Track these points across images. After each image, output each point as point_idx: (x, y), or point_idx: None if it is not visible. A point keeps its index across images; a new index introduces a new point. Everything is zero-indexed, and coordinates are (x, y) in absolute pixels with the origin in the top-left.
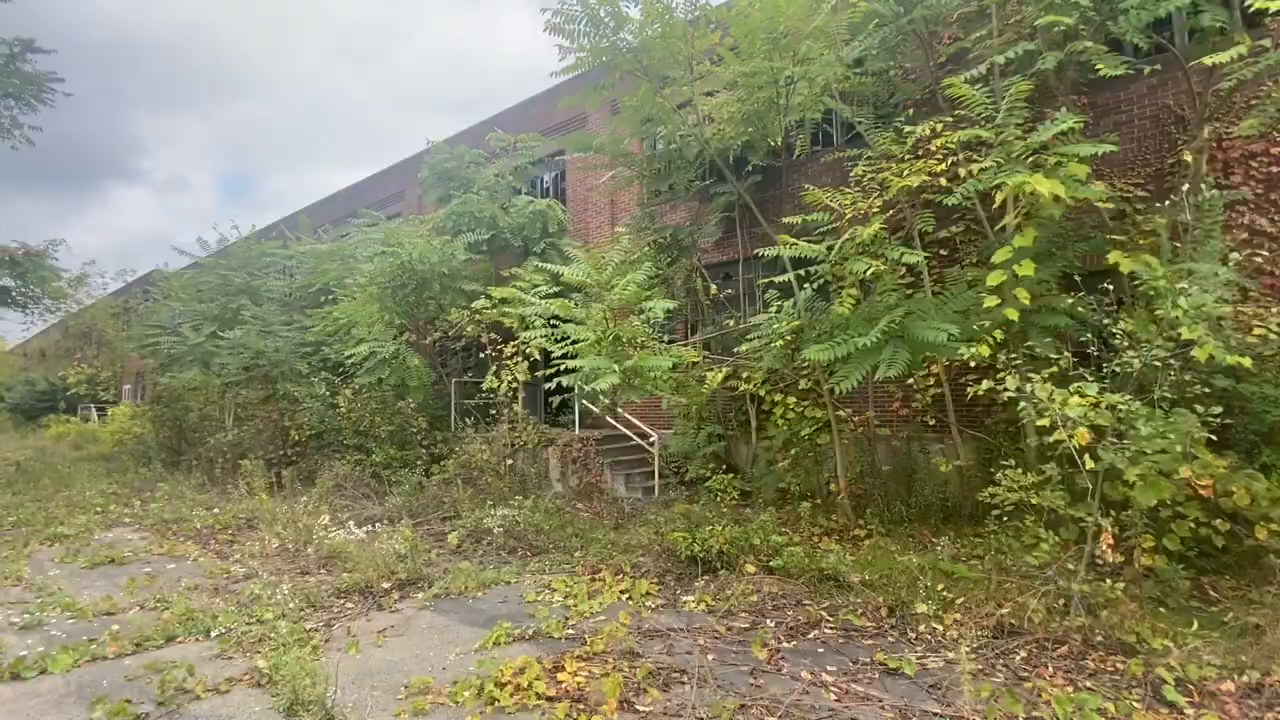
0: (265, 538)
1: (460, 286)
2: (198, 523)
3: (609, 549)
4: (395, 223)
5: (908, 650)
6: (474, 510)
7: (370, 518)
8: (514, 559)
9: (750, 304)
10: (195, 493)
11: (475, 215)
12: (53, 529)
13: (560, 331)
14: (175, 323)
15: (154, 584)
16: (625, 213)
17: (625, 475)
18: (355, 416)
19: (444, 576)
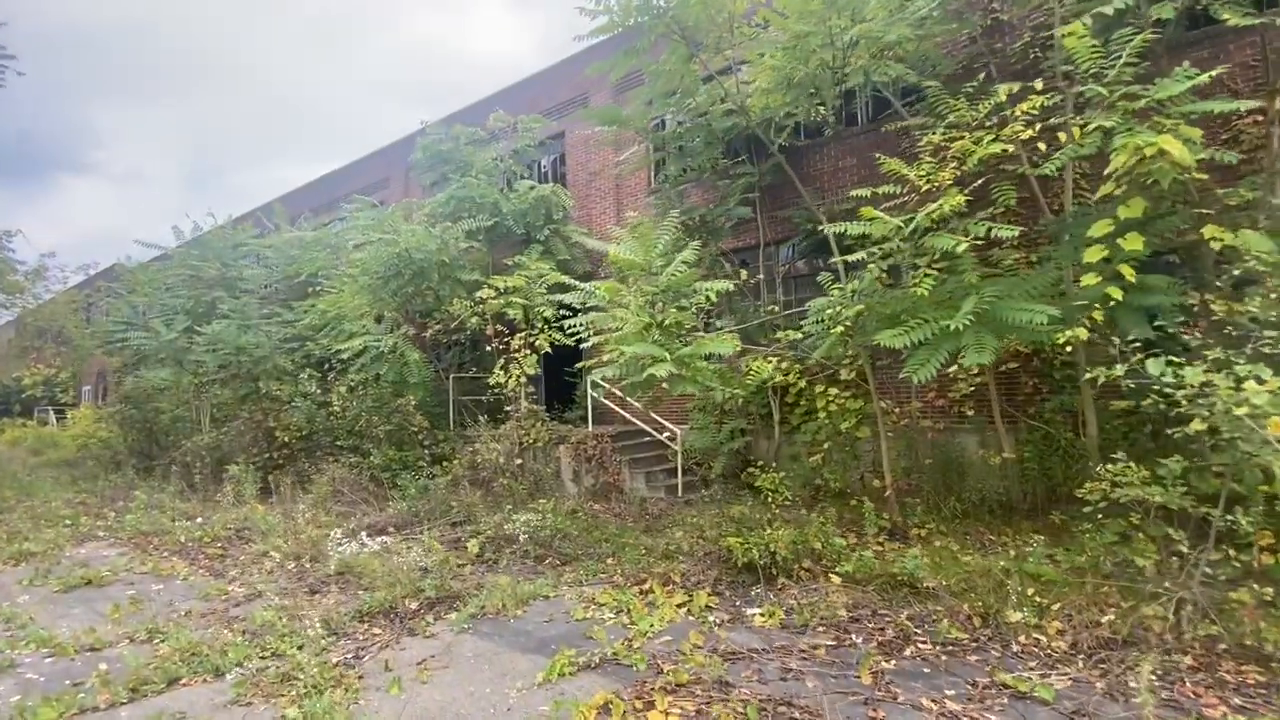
0: (263, 550)
1: (459, 276)
2: (181, 535)
3: (645, 555)
4: (382, 210)
5: (1019, 666)
6: (489, 514)
7: (373, 525)
8: (544, 569)
9: (769, 291)
10: (175, 501)
11: (476, 200)
12: (17, 545)
13: (578, 321)
14: (144, 318)
15: (141, 609)
16: (631, 197)
17: (645, 474)
18: (350, 416)
19: (477, 593)
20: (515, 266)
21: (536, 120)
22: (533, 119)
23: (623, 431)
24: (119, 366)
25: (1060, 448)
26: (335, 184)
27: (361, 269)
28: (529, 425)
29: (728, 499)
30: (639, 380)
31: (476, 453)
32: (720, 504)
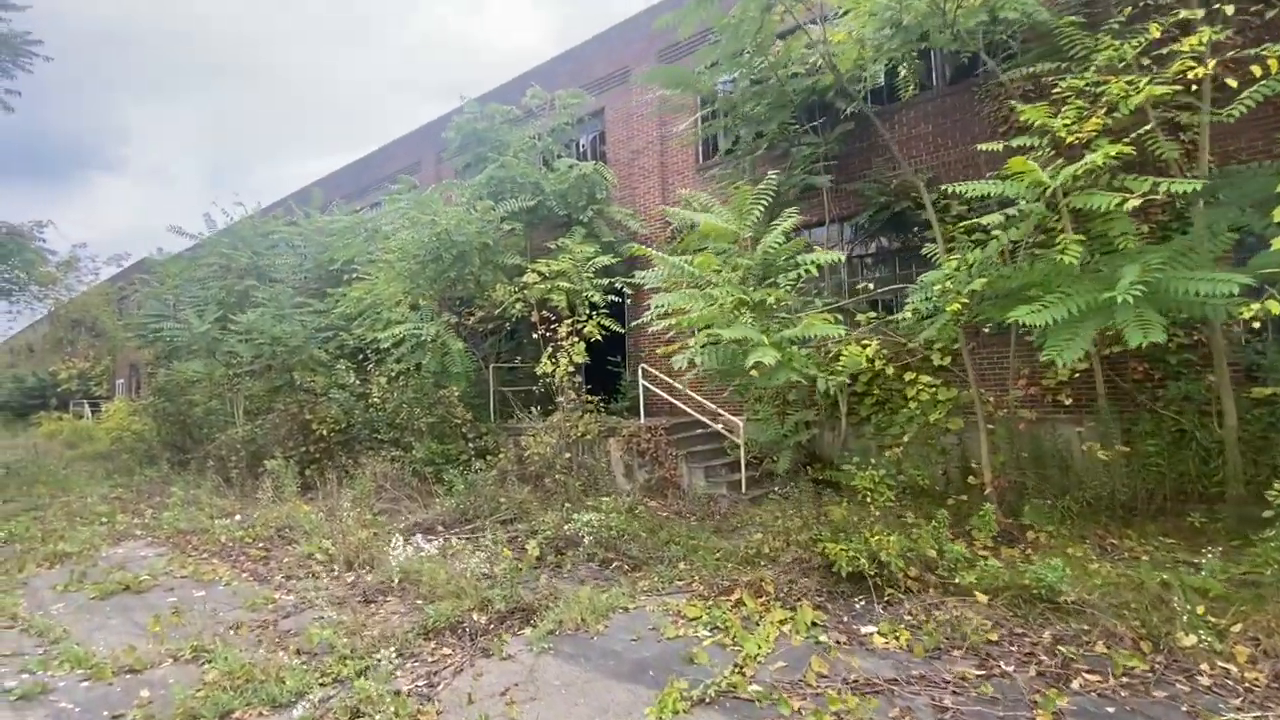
0: (308, 552)
1: (501, 260)
2: (221, 534)
3: (723, 561)
4: (420, 191)
5: (1222, 706)
6: (542, 512)
7: (420, 524)
8: (613, 574)
9: (836, 271)
10: (212, 497)
11: (516, 181)
12: (52, 545)
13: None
14: (176, 310)
15: (184, 621)
16: (678, 176)
17: (705, 469)
18: (390, 408)
19: (551, 604)
20: (557, 250)
21: (576, 95)
22: (571, 94)
23: (676, 423)
24: (151, 359)
25: (1190, 440)
26: (364, 170)
27: (399, 253)
28: (576, 417)
29: (799, 496)
30: (730, 368)
31: (523, 446)
32: (797, 503)
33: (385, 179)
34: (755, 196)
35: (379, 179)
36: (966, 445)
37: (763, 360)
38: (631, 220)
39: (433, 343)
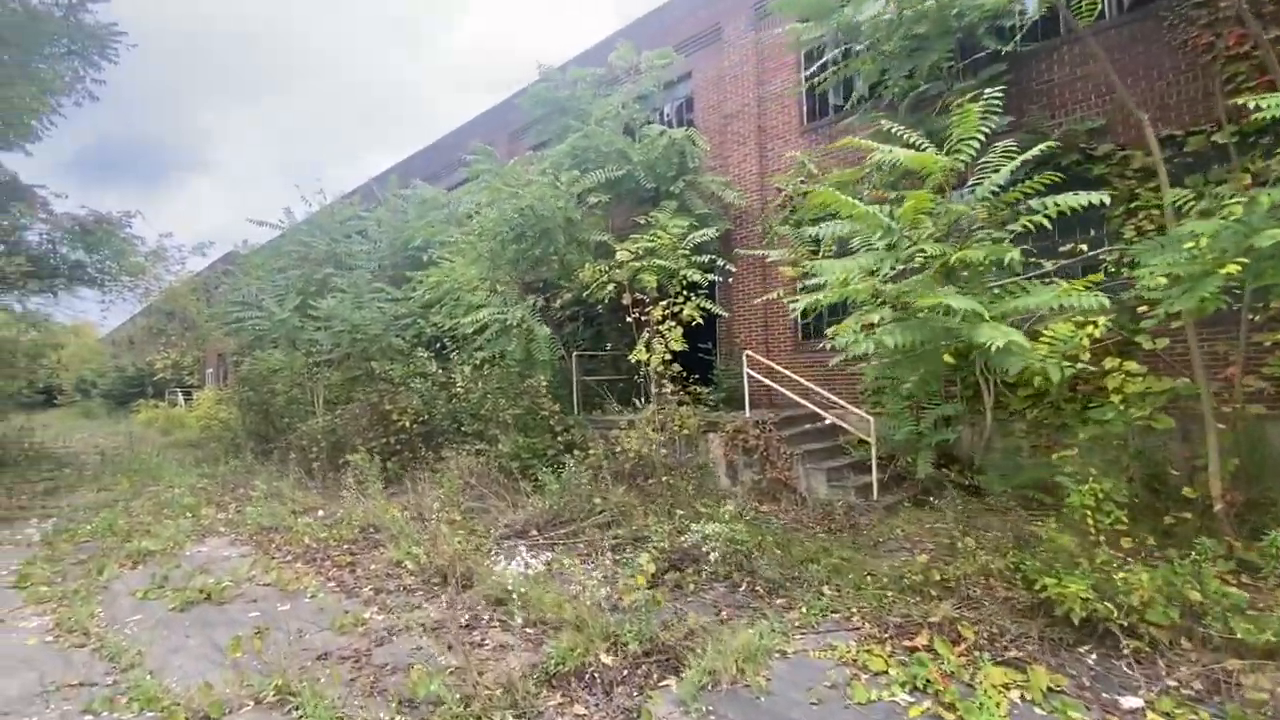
0: (397, 559)
1: (586, 238)
2: (305, 535)
3: (881, 588)
4: (501, 163)
5: None
6: (644, 517)
7: (511, 526)
8: (747, 598)
9: None
10: (294, 490)
11: (601, 150)
12: (137, 542)
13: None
14: (257, 298)
15: (267, 643)
16: (779, 140)
17: (825, 470)
18: (475, 399)
19: (691, 645)
20: (645, 226)
21: (664, 55)
22: (659, 54)
23: (785, 417)
24: (236, 350)
25: None
26: (436, 156)
27: (480, 232)
28: (672, 410)
29: (958, 507)
30: (924, 351)
31: (615, 441)
32: (960, 516)
33: (458, 163)
34: (978, 119)
35: (451, 164)
36: (1169, 448)
37: (992, 341)
38: (727, 191)
39: (518, 328)
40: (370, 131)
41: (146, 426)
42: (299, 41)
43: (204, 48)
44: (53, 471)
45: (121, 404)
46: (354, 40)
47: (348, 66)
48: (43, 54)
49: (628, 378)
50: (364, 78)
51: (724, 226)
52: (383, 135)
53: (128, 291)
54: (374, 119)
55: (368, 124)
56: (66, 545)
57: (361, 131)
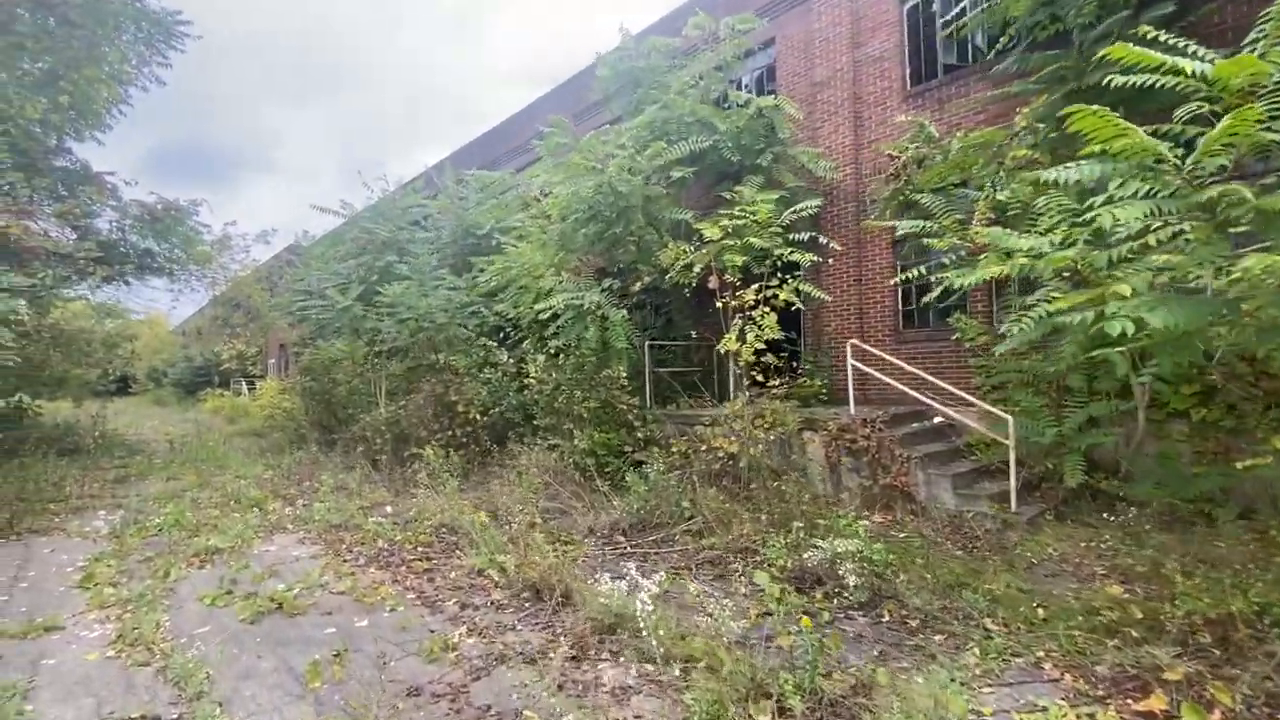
0: (480, 567)
1: (667, 217)
2: (377, 534)
3: (1070, 628)
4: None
5: None
6: (745, 526)
7: (596, 531)
8: (899, 634)
9: None
10: (360, 484)
11: (685, 122)
12: (204, 539)
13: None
14: (320, 288)
15: (347, 670)
16: (877, 107)
17: (950, 477)
18: (548, 390)
19: (865, 700)
20: (728, 203)
21: (745, 21)
22: (740, 19)
23: (892, 415)
24: (297, 340)
25: None
26: (497, 141)
27: (555, 211)
28: (764, 405)
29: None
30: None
31: (700, 439)
32: (1134, 534)
33: (520, 146)
34: None
35: (512, 149)
36: None
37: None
38: (820, 163)
39: (592, 314)
40: (421, 128)
41: (213, 414)
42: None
43: (261, 51)
44: (124, 459)
45: (190, 392)
46: (402, 39)
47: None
48: (110, 40)
49: (700, 369)
50: (414, 76)
51: (818, 202)
52: (434, 132)
53: (195, 281)
54: (425, 116)
55: (418, 121)
56: (134, 540)
57: (413, 128)
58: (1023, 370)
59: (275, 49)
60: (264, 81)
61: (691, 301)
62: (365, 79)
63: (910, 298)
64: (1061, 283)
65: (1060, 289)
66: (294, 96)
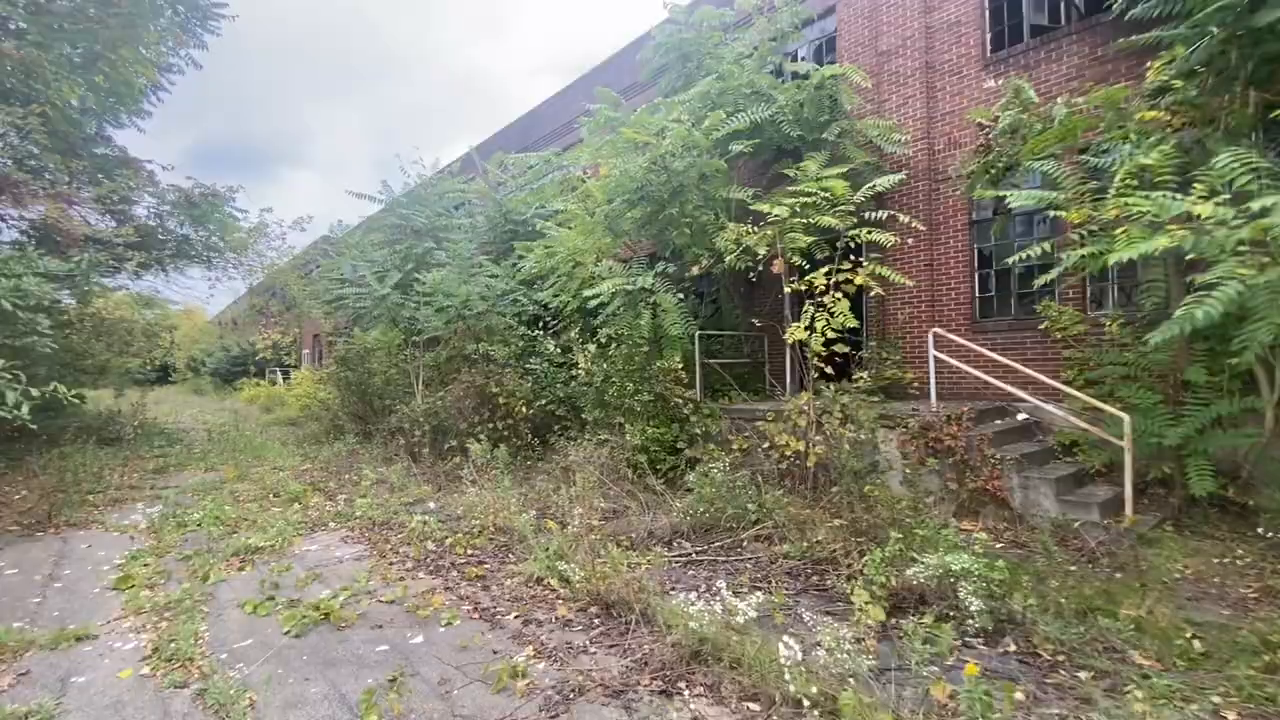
0: (537, 575)
1: (723, 196)
2: (424, 535)
3: (1252, 671)
4: (626, 111)
5: None
6: (819, 531)
7: (656, 535)
8: (1034, 669)
9: None
10: (402, 477)
11: (743, 93)
12: (243, 537)
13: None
14: (358, 275)
15: (405, 701)
16: (952, 75)
17: (1052, 481)
18: (599, 382)
19: None
20: (788, 180)
21: None
22: None
23: (978, 411)
24: (331, 330)
25: None
26: (533, 125)
27: (600, 193)
28: (832, 399)
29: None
30: None
31: (763, 435)
32: None
33: (558, 129)
34: None
35: (548, 134)
36: None
37: None
38: (893, 136)
39: (645, 300)
40: (453, 121)
41: (249, 403)
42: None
43: (295, 50)
44: (163, 447)
45: (227, 381)
46: (432, 34)
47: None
48: (147, 21)
49: (750, 361)
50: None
51: (900, 177)
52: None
53: (232, 269)
54: (456, 109)
55: (449, 115)
56: (172, 536)
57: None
58: (1127, 363)
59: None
60: (298, 79)
61: (740, 289)
62: (397, 74)
63: (989, 284)
64: (1242, 257)
65: (1246, 263)
66: (327, 93)
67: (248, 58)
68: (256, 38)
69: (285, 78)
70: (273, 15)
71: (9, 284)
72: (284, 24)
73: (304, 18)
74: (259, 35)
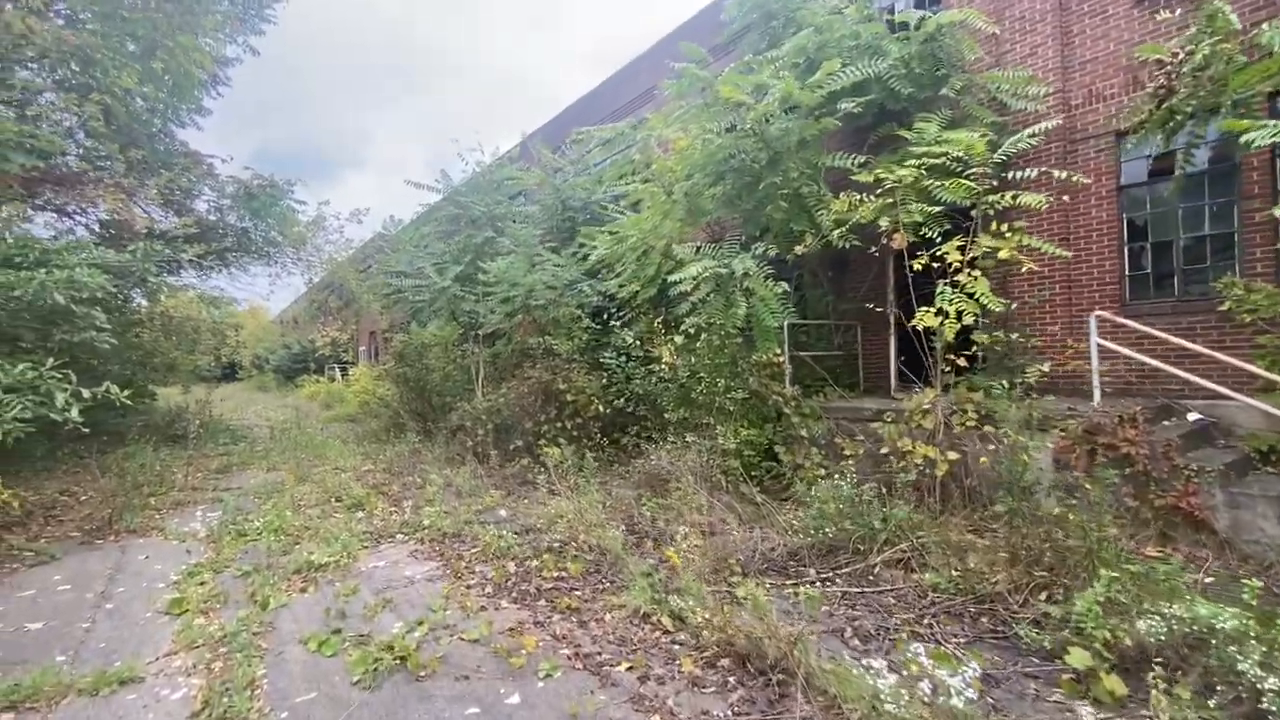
0: (643, 609)
1: (832, 162)
2: (500, 551)
3: None
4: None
5: None
6: (978, 560)
7: (769, 559)
8: None
9: None
10: (470, 481)
11: (846, 46)
12: (305, 552)
13: None
14: (416, 268)
15: None
16: (1095, 17)
17: (1272, 499)
18: (685, 379)
19: None
20: (895, 144)
21: None
22: None
23: (1158, 408)
24: (388, 327)
25: None
26: (590, 108)
27: (680, 167)
28: (964, 396)
29: None
30: None
31: (876, 439)
32: None
33: (612, 114)
34: None
35: (603, 116)
36: None
37: None
38: (1027, 89)
39: (738, 284)
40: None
41: (310, 399)
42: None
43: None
44: (228, 445)
45: (289, 378)
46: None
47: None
48: (207, 9)
49: (842, 354)
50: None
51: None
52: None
53: (291, 264)
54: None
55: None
56: (231, 548)
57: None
58: None
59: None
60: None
61: (829, 272)
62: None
63: (1141, 259)
64: None
65: None
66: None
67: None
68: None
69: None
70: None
71: (61, 275)
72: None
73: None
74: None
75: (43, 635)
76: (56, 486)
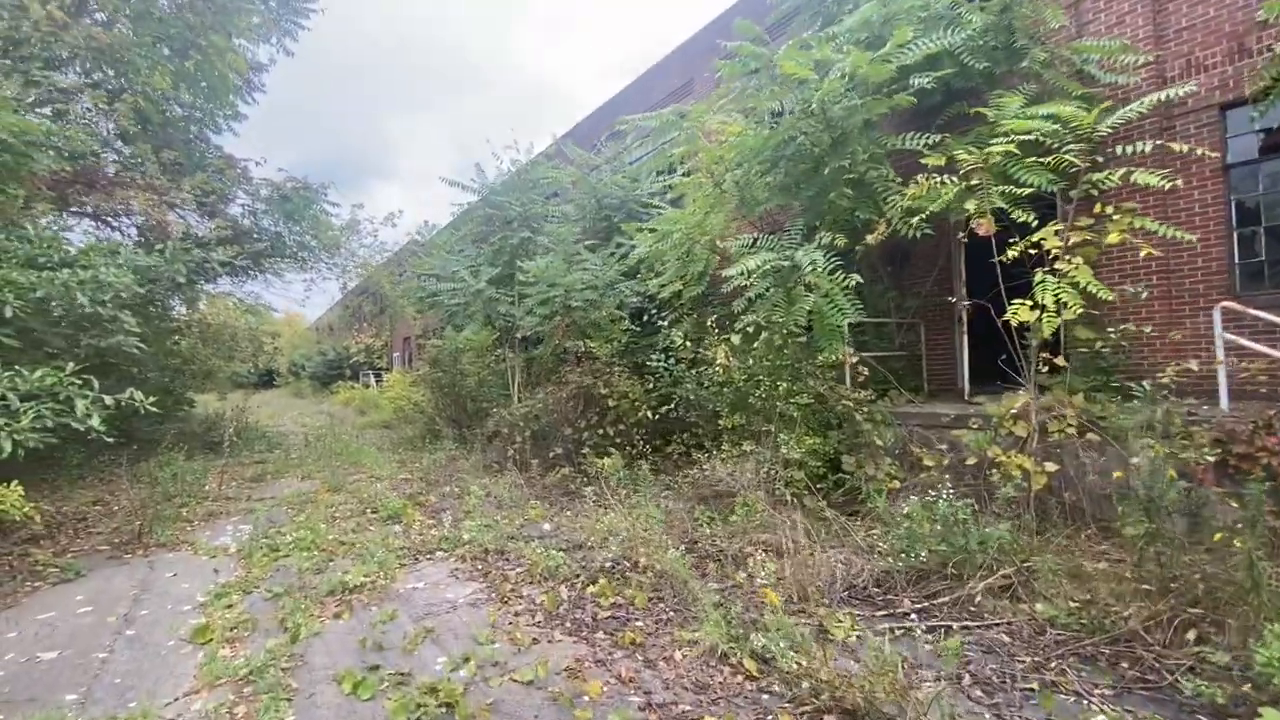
0: (717, 647)
1: (902, 144)
2: (548, 572)
3: None
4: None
5: None
6: (1101, 590)
7: (851, 585)
8: None
9: None
10: (510, 491)
11: (916, 16)
12: (339, 573)
13: None
14: (451, 272)
15: None
16: None
17: None
18: (742, 382)
19: None
20: (969, 123)
21: None
22: None
23: None
24: (421, 332)
25: None
26: (620, 108)
27: (730, 154)
28: (1057, 400)
29: None
30: None
31: (956, 447)
32: None
33: (647, 109)
34: None
35: (653, 105)
36: None
37: None
38: (1121, 59)
39: (800, 279)
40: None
41: (344, 406)
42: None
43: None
44: (263, 453)
45: (324, 384)
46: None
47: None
48: (242, 10)
49: (905, 355)
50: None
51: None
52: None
53: (325, 268)
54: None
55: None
56: (261, 567)
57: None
58: None
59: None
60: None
61: (889, 266)
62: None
63: (1254, 246)
64: None
65: None
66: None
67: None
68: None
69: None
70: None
71: (86, 275)
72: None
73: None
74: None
75: (55, 667)
76: (90, 496)
